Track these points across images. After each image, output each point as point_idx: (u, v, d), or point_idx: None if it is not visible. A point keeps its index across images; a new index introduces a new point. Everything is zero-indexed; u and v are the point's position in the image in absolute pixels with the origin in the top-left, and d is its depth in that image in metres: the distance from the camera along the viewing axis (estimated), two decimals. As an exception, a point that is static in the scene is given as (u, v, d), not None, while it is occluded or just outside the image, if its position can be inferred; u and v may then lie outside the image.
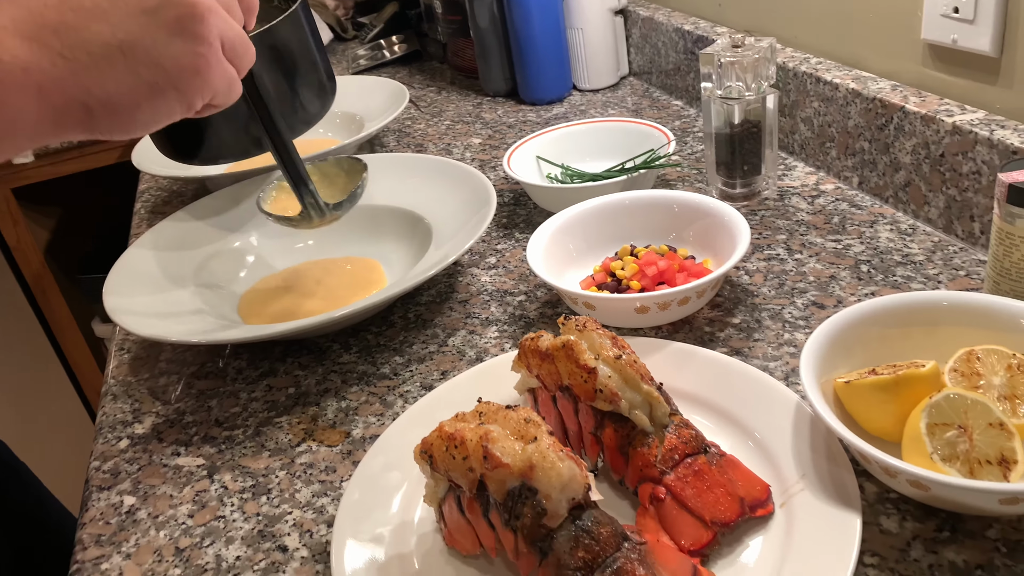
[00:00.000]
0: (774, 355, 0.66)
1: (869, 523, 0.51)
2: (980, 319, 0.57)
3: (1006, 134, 0.70)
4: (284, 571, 0.54)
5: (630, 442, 0.53)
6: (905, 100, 0.80)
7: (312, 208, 0.74)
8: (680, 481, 0.51)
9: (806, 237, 0.82)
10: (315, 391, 0.72)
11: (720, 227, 0.76)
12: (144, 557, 0.57)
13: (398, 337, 0.77)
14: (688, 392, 0.61)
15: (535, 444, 0.47)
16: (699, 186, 0.96)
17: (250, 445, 0.66)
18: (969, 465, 0.48)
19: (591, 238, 0.82)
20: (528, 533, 0.46)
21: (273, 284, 0.87)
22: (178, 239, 0.91)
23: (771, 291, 0.74)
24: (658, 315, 0.70)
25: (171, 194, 1.20)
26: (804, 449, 0.53)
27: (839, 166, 0.90)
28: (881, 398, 0.53)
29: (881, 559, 0.48)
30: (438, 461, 0.50)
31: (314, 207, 0.74)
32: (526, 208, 0.98)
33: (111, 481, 0.65)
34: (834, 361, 0.57)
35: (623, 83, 1.34)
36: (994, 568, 0.47)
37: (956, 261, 0.74)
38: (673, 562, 0.47)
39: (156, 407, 0.73)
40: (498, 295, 0.82)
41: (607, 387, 0.53)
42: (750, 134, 0.86)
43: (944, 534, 0.49)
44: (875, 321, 0.58)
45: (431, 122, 1.31)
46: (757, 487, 0.51)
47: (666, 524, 0.50)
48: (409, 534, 0.54)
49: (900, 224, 0.81)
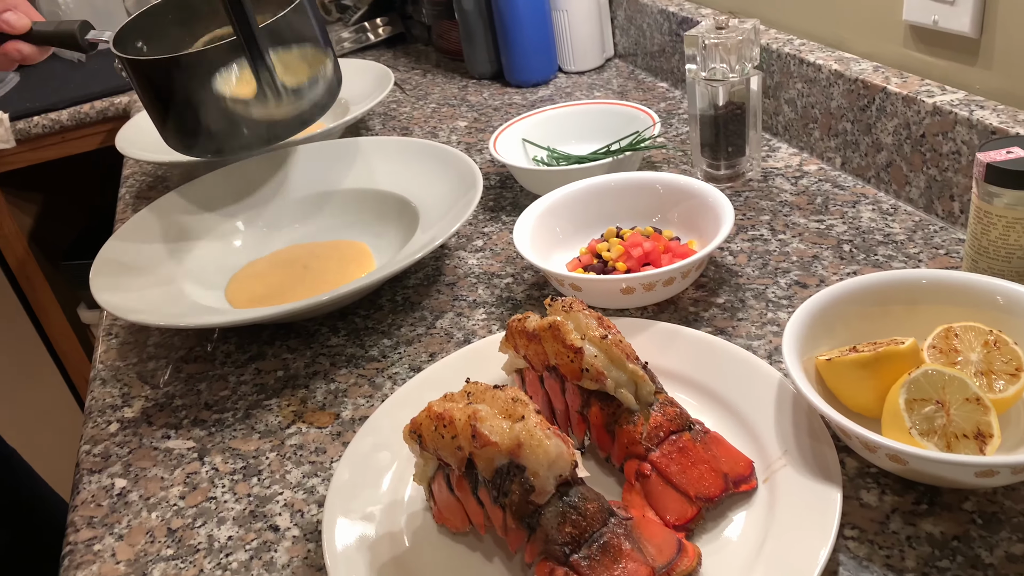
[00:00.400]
0: (757, 334, 0.67)
1: (850, 497, 0.52)
2: (958, 297, 0.58)
3: (985, 114, 0.71)
4: (276, 550, 0.55)
5: (616, 420, 0.54)
6: (887, 81, 0.81)
7: (268, 87, 0.71)
8: (665, 458, 0.52)
9: (789, 217, 0.82)
10: (304, 374, 0.72)
11: (705, 208, 0.77)
12: (136, 538, 0.58)
13: (386, 320, 0.78)
14: (673, 371, 0.62)
15: (523, 423, 0.48)
16: (684, 168, 0.96)
17: (240, 428, 0.67)
18: (946, 439, 0.49)
19: (577, 220, 0.83)
20: (516, 510, 0.47)
21: (260, 268, 0.87)
22: (164, 224, 0.90)
23: (755, 271, 0.75)
24: (644, 296, 0.71)
25: (156, 179, 1.20)
26: (787, 426, 0.54)
27: (822, 147, 0.91)
28: (861, 375, 0.54)
29: (861, 531, 0.49)
30: (427, 440, 0.50)
31: (270, 85, 0.71)
32: (512, 191, 0.98)
33: (102, 464, 0.65)
34: (816, 339, 0.58)
35: (609, 65, 1.35)
36: (970, 539, 0.48)
37: (936, 240, 0.75)
38: (658, 536, 0.48)
39: (145, 391, 0.74)
40: (485, 277, 0.82)
41: (593, 366, 0.54)
42: (734, 116, 0.87)
43: (922, 507, 0.50)
44: (856, 300, 0.59)
45: (416, 105, 1.30)
46: (740, 463, 0.52)
47: (651, 500, 0.51)
48: (399, 512, 0.55)
49: (882, 204, 0.82)
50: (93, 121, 1.63)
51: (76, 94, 1.63)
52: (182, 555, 0.56)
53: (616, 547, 0.46)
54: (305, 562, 0.54)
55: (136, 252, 0.85)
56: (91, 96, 1.62)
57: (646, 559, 0.46)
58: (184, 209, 0.93)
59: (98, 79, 1.68)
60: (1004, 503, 0.50)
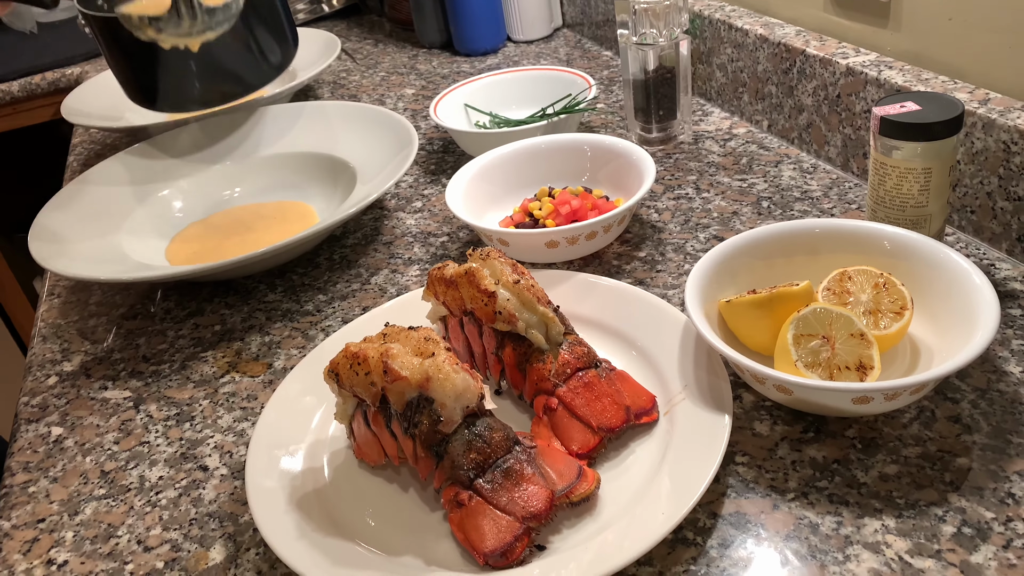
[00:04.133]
0: (674, 284, 0.71)
1: (743, 427, 0.55)
2: (852, 244, 0.61)
3: (892, 74, 0.74)
4: (204, 487, 0.58)
5: (527, 359, 0.57)
6: (807, 44, 0.84)
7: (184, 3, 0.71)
8: (571, 392, 0.55)
9: (715, 177, 0.86)
10: (240, 328, 0.74)
11: (630, 167, 0.80)
12: (71, 480, 0.60)
13: (323, 277, 0.80)
14: (588, 317, 0.65)
15: (432, 359, 0.50)
16: (620, 131, 0.99)
17: (175, 378, 0.69)
18: (829, 371, 0.53)
19: (511, 181, 0.85)
20: (425, 439, 0.50)
21: (202, 229, 0.89)
22: (107, 186, 0.92)
23: (677, 227, 0.78)
24: (568, 249, 0.74)
25: (104, 147, 1.20)
26: (688, 364, 0.58)
27: (751, 110, 0.94)
28: (757, 314, 0.57)
29: (751, 458, 0.53)
30: (343, 378, 0.53)
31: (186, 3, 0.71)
32: (454, 155, 1.00)
33: (39, 414, 0.67)
34: (721, 286, 0.61)
35: (557, 35, 1.37)
36: (848, 462, 0.52)
37: (850, 196, 0.79)
38: (560, 463, 0.51)
39: (85, 347, 0.75)
40: (422, 236, 0.84)
41: (505, 309, 0.56)
42: (664, 80, 0.90)
43: (809, 435, 0.54)
44: (757, 249, 0.62)
45: (366, 74, 1.32)
46: (643, 397, 0.56)
47: (557, 431, 0.54)
48: (322, 451, 0.57)
49: (803, 163, 0.85)
50: (44, 92, 1.62)
51: (26, 65, 1.62)
52: (114, 494, 0.58)
53: (519, 472, 0.49)
54: (231, 497, 0.57)
55: (77, 215, 0.86)
56: (42, 67, 1.61)
57: (547, 483, 0.49)
58: (126, 173, 0.94)
59: (49, 51, 1.67)
60: (883, 429, 0.53)
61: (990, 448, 0.51)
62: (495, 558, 0.47)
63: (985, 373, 0.56)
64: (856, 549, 0.46)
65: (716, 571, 0.46)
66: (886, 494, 0.49)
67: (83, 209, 0.87)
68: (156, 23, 0.74)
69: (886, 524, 0.47)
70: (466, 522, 0.48)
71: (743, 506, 0.50)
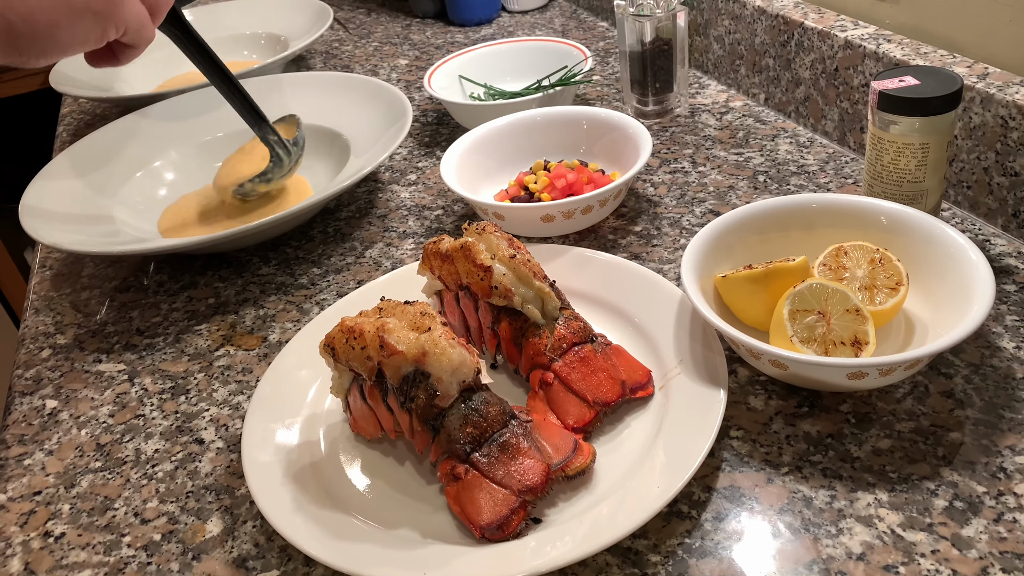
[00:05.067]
0: (669, 259, 0.71)
1: (738, 402, 0.55)
2: (848, 219, 0.61)
3: (891, 47, 0.74)
4: (200, 460, 0.58)
5: (523, 334, 0.57)
6: (805, 16, 0.83)
7: (279, 147, 0.80)
8: (567, 367, 0.55)
9: (711, 151, 0.85)
10: (234, 301, 0.74)
11: (626, 141, 0.79)
12: (66, 452, 0.60)
13: (317, 250, 0.80)
14: (584, 291, 0.65)
15: (428, 333, 0.50)
16: (617, 104, 0.98)
17: (170, 351, 0.69)
18: (825, 346, 0.53)
19: (506, 154, 0.84)
20: (422, 413, 0.50)
21: (195, 200, 0.88)
22: (98, 157, 0.91)
23: (673, 201, 0.78)
24: (564, 224, 0.73)
25: (94, 117, 1.19)
26: (684, 338, 0.58)
27: (747, 83, 0.94)
28: (753, 289, 0.57)
29: (745, 432, 0.53)
30: (339, 353, 0.53)
31: (279, 145, 0.80)
32: (448, 127, 0.99)
33: (33, 387, 0.67)
34: (717, 261, 0.61)
35: (552, 5, 1.35)
36: (842, 436, 0.52)
37: (847, 170, 0.79)
38: (556, 437, 0.51)
39: (78, 319, 0.75)
40: (416, 210, 0.84)
41: (501, 283, 0.56)
42: (661, 52, 0.89)
43: (803, 410, 0.54)
44: (754, 224, 0.62)
45: (359, 44, 1.30)
46: (639, 372, 0.56)
47: (553, 405, 0.54)
48: (318, 424, 0.58)
49: (799, 137, 0.85)
50: (32, 60, 1.60)
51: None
52: (110, 467, 0.58)
53: (515, 445, 0.49)
54: (228, 470, 0.57)
55: (68, 187, 0.86)
56: (29, 34, 1.59)
57: (543, 456, 0.50)
58: (117, 144, 0.93)
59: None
60: (877, 404, 0.54)
61: (983, 423, 0.51)
62: (491, 531, 0.47)
63: (979, 348, 0.56)
64: (849, 522, 0.46)
65: (711, 544, 0.47)
66: (879, 468, 0.49)
67: (74, 180, 0.86)
68: (266, 177, 0.81)
69: (879, 498, 0.48)
70: (462, 495, 0.48)
71: (737, 480, 0.50)
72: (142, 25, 0.55)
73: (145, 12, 0.55)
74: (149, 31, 0.56)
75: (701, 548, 0.47)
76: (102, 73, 1.15)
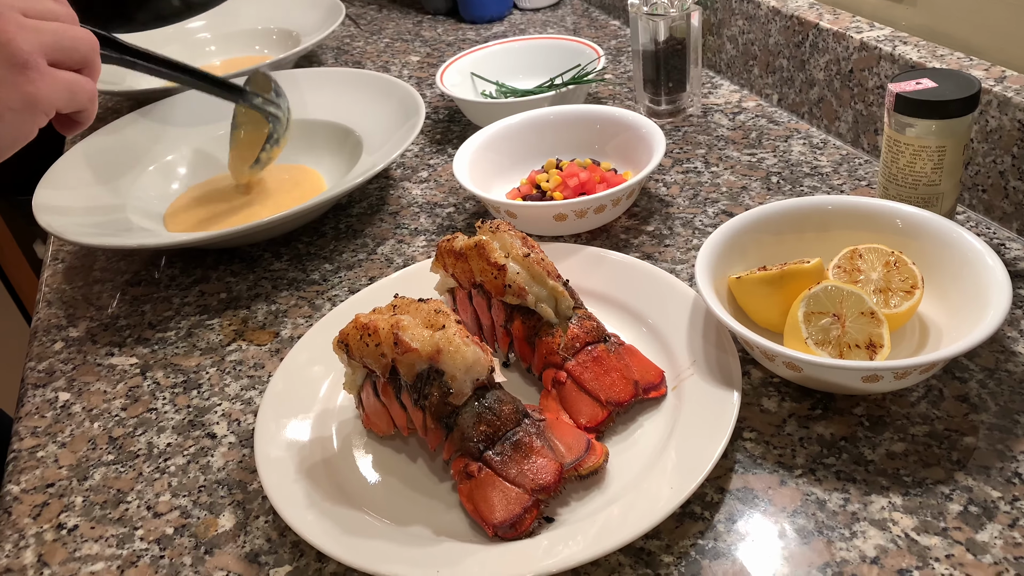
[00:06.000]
0: (682, 259, 0.70)
1: (751, 404, 0.55)
2: (864, 221, 0.61)
3: (907, 49, 0.73)
4: (212, 455, 0.58)
5: (536, 333, 0.57)
6: (820, 17, 0.83)
7: (267, 106, 0.80)
8: (579, 366, 0.55)
9: (724, 151, 0.85)
10: (246, 296, 0.74)
11: (639, 140, 0.79)
12: (79, 445, 0.60)
13: (328, 246, 0.80)
14: (597, 291, 0.65)
15: (443, 331, 0.50)
16: (629, 103, 0.98)
17: (182, 345, 0.69)
18: (839, 349, 0.53)
19: (518, 152, 0.84)
20: (435, 410, 0.50)
21: (206, 192, 0.88)
22: (111, 151, 0.91)
23: (685, 201, 0.78)
24: (576, 223, 0.73)
25: (105, 110, 1.19)
26: (697, 339, 0.58)
27: (761, 84, 0.94)
28: (767, 291, 0.57)
29: (758, 434, 0.53)
30: (353, 349, 0.53)
31: (267, 103, 0.80)
32: (460, 124, 0.99)
33: (46, 379, 0.67)
34: (731, 262, 0.61)
35: (564, 3, 1.35)
36: (856, 439, 0.52)
37: (860, 172, 0.78)
38: (569, 436, 0.51)
39: (90, 312, 0.75)
40: (428, 207, 0.84)
41: (515, 282, 0.56)
42: (675, 51, 0.89)
43: (817, 412, 0.54)
44: (768, 225, 0.62)
45: (370, 40, 1.30)
46: (652, 372, 0.56)
47: (566, 404, 0.54)
48: (330, 420, 0.58)
49: (813, 139, 0.85)
50: (43, 53, 1.60)
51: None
52: (122, 460, 0.58)
53: (528, 444, 0.49)
54: (240, 465, 0.57)
55: (80, 180, 0.86)
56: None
57: (556, 455, 0.50)
58: (129, 138, 0.93)
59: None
60: (891, 408, 0.53)
61: (997, 428, 0.51)
62: (504, 529, 0.47)
63: (994, 353, 0.56)
64: (863, 526, 0.46)
65: (723, 545, 0.47)
66: (893, 472, 0.49)
67: (86, 173, 0.87)
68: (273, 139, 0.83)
69: (893, 501, 0.47)
70: (475, 493, 0.48)
71: (751, 481, 0.50)
72: (74, 94, 0.52)
73: (72, 80, 0.52)
74: (84, 96, 0.53)
75: (714, 549, 0.46)
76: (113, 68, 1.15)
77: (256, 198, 0.86)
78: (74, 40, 0.53)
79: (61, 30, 0.52)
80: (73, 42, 0.53)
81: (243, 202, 0.85)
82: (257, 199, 0.86)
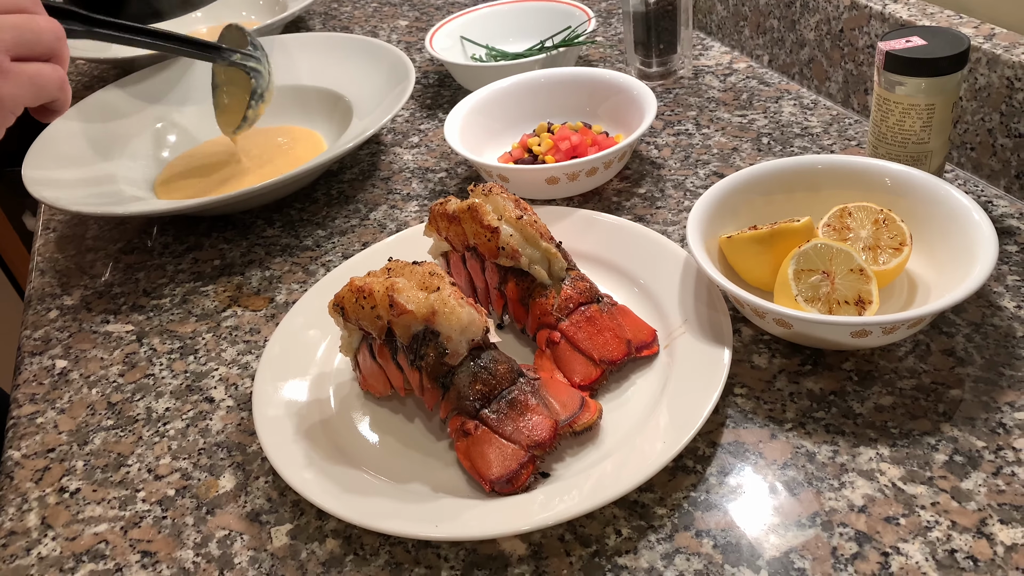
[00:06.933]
0: (673, 220, 0.71)
1: (742, 360, 0.56)
2: (853, 180, 0.62)
3: (897, 8, 0.73)
4: (211, 419, 0.58)
5: (530, 294, 0.57)
6: (810, -23, 0.82)
7: (247, 60, 0.79)
8: (573, 326, 0.55)
9: (715, 113, 0.85)
10: (240, 262, 0.74)
11: (630, 103, 0.79)
12: (78, 411, 0.61)
13: (321, 212, 0.80)
14: (589, 253, 0.65)
15: (437, 293, 0.51)
16: (620, 66, 0.98)
17: (177, 312, 0.69)
18: (829, 305, 0.54)
19: (509, 116, 0.84)
20: (431, 370, 0.51)
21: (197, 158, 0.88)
22: (99, 119, 0.90)
23: (677, 163, 0.78)
24: (568, 186, 0.73)
25: (92, 79, 1.18)
26: (688, 298, 0.58)
27: (751, 45, 0.93)
28: (757, 250, 0.58)
29: (749, 389, 0.54)
30: (349, 312, 0.53)
31: (246, 58, 0.79)
32: (450, 88, 0.99)
33: (42, 347, 0.68)
34: (722, 222, 0.61)
35: (553, -35, 1.33)
36: (845, 393, 0.53)
37: (850, 132, 0.79)
38: (563, 394, 0.52)
39: (84, 281, 0.75)
40: (419, 172, 0.84)
41: (508, 244, 0.57)
42: (665, 12, 0.88)
43: (807, 367, 0.55)
44: (758, 185, 0.63)
45: (357, 4, 1.29)
46: (644, 331, 0.56)
47: (560, 363, 0.55)
48: (327, 382, 0.58)
49: (803, 99, 0.85)
50: (26, 22, 1.58)
51: (6, -7, 1.57)
52: (122, 425, 0.59)
53: (523, 402, 0.50)
54: (239, 428, 0.57)
55: (69, 149, 0.85)
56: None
57: (550, 413, 0.50)
58: (117, 106, 0.92)
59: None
60: (879, 362, 0.54)
61: (983, 380, 0.52)
62: (501, 484, 0.48)
63: (980, 308, 0.57)
64: (851, 476, 0.47)
65: (715, 497, 0.48)
66: (881, 424, 0.50)
67: (75, 143, 0.86)
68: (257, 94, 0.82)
69: (880, 452, 0.49)
70: (472, 450, 0.49)
71: (742, 435, 0.51)
72: (40, 88, 0.51)
73: (36, 74, 0.51)
74: (52, 86, 0.52)
75: (706, 501, 0.48)
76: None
77: (251, 165, 0.86)
78: (37, 32, 0.51)
79: (23, 23, 0.50)
80: (36, 35, 0.51)
81: (235, 169, 0.85)
82: (253, 166, 0.86)
